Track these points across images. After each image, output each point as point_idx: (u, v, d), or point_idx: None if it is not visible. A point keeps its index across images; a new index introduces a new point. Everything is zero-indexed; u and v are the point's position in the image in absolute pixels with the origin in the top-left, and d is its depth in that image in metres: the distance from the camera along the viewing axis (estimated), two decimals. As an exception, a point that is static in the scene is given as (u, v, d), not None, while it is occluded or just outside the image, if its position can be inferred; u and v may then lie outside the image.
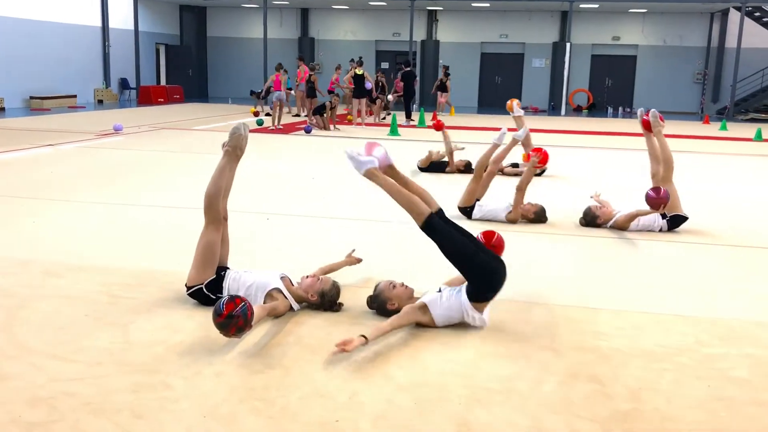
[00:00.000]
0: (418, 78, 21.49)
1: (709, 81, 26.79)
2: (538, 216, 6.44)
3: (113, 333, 3.56)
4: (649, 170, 6.56)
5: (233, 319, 3.24)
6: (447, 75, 21.09)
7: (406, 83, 18.75)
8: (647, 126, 6.67)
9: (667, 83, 27.02)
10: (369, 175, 3.72)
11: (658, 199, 5.83)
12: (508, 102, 7.91)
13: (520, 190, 6.32)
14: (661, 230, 6.21)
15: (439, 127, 9.75)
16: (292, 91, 20.75)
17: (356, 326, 3.73)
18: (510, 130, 7.28)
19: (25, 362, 3.19)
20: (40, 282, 4.36)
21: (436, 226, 3.64)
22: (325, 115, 15.77)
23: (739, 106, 24.54)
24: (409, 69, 19.04)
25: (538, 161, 6.62)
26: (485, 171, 6.61)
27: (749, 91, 25.21)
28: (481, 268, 3.63)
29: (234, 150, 4.04)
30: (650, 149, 6.61)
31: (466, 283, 3.71)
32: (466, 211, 6.61)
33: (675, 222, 6.24)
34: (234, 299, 3.30)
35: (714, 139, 16.08)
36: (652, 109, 6.71)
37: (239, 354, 3.35)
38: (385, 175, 3.78)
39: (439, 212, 3.75)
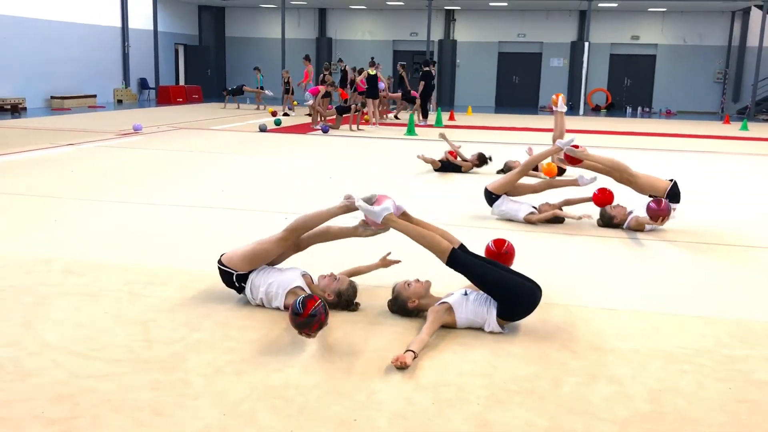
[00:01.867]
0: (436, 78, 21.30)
1: (729, 80, 26.52)
2: (555, 216, 6.41)
3: (133, 330, 3.59)
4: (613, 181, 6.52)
5: (315, 317, 3.30)
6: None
7: (425, 83, 18.71)
8: (573, 161, 6.41)
9: (686, 83, 26.79)
10: (386, 222, 3.81)
11: (659, 210, 5.83)
12: (554, 96, 7.69)
13: (522, 171, 6.38)
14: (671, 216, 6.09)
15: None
16: (267, 91, 21.60)
17: (374, 326, 3.73)
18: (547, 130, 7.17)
19: (47, 359, 3.23)
20: (61, 280, 4.40)
21: (460, 259, 3.70)
22: (348, 115, 15.96)
23: (760, 106, 24.27)
24: (427, 69, 18.99)
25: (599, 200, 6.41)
26: (525, 173, 6.55)
27: (771, 91, 24.94)
28: (514, 292, 3.63)
29: (349, 210, 3.96)
30: (598, 171, 6.51)
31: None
32: (492, 198, 6.51)
33: (674, 196, 6.17)
34: (312, 297, 3.38)
35: (735, 139, 15.91)
36: (563, 147, 6.34)
37: (258, 352, 3.36)
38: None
39: (461, 247, 3.81)
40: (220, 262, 4.04)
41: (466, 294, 3.75)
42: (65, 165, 9.37)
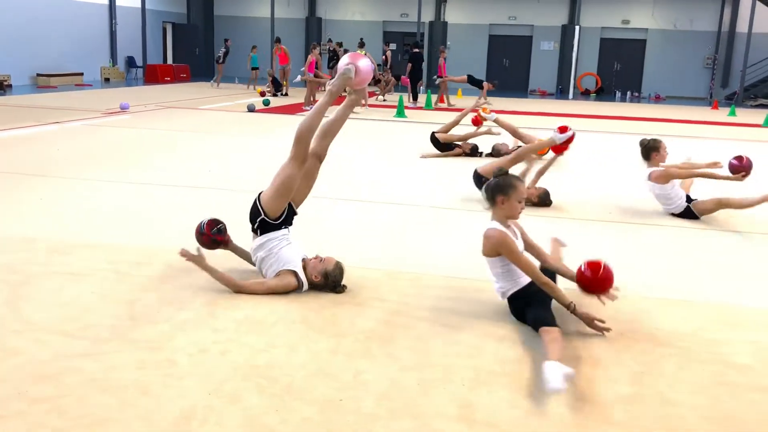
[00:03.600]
0: (425, 60, 21.20)
1: (718, 66, 26.59)
2: (542, 199, 6.42)
3: (119, 310, 3.59)
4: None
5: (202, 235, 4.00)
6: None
7: (413, 65, 18.63)
8: (557, 149, 6.19)
9: (676, 67, 26.83)
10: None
11: (740, 166, 6.09)
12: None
13: (515, 159, 6.16)
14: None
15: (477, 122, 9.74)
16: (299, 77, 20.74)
17: (360, 307, 3.74)
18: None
19: (30, 338, 3.21)
20: (46, 259, 4.38)
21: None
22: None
23: (748, 92, 24.37)
24: (417, 51, 18.88)
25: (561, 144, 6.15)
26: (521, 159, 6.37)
27: (759, 77, 25.03)
28: (534, 318, 3.52)
29: (335, 94, 4.00)
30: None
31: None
32: (482, 181, 6.46)
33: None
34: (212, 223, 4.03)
35: (722, 124, 15.98)
36: (557, 141, 6.14)
37: (244, 332, 3.37)
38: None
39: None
40: (258, 199, 3.98)
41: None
42: (51, 143, 9.29)
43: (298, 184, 3.99)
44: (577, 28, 23.71)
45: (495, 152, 9.37)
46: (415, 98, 18.47)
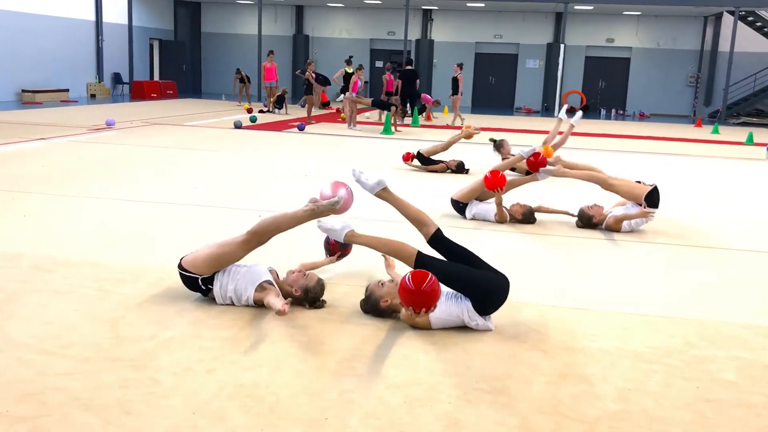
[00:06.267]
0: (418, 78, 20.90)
1: (701, 84, 26.91)
2: (526, 217, 6.45)
3: (103, 328, 3.55)
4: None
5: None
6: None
7: (405, 82, 18.54)
8: (534, 167, 6.49)
9: (660, 86, 27.14)
10: (349, 239, 3.91)
11: (536, 163, 6.35)
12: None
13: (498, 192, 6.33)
14: (648, 221, 6.28)
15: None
16: (344, 94, 20.14)
17: (345, 325, 3.73)
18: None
19: (12, 356, 3.17)
20: (29, 276, 4.33)
21: (427, 260, 3.71)
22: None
23: (731, 110, 24.67)
24: (410, 68, 18.82)
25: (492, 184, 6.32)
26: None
27: (741, 95, 25.36)
28: (483, 288, 3.67)
29: (316, 215, 3.91)
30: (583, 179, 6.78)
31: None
32: (459, 206, 6.61)
33: (652, 200, 6.17)
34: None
35: (706, 142, 16.15)
36: (525, 156, 6.58)
37: (229, 351, 3.34)
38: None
39: (437, 232, 3.88)
40: (180, 266, 3.96)
41: None
42: (36, 160, 9.23)
43: (231, 263, 3.97)
44: (562, 46, 23.93)
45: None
46: (403, 115, 18.49)
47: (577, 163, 6.87)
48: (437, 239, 3.87)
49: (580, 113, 9.16)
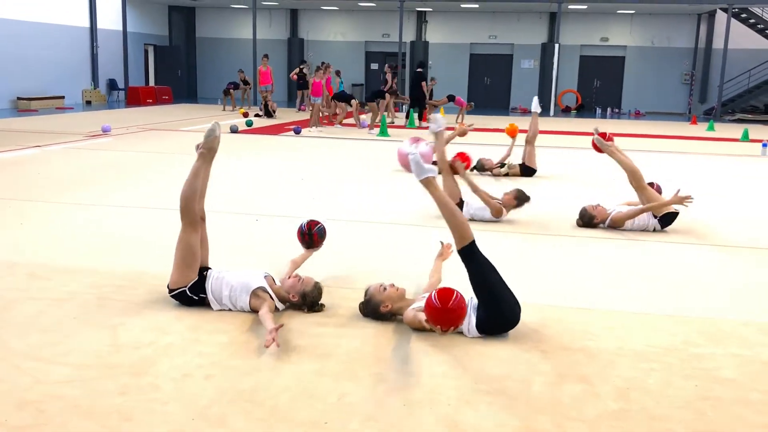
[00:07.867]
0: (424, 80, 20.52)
1: (696, 82, 26.95)
2: (520, 199, 6.39)
3: (102, 335, 3.55)
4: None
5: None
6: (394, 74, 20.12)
7: (413, 84, 18.56)
8: (597, 148, 6.85)
9: (655, 84, 27.17)
10: (426, 183, 3.68)
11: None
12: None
13: (476, 191, 6.33)
14: (654, 230, 6.26)
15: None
16: (363, 119, 19.32)
17: (344, 328, 3.73)
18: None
19: (10, 365, 3.17)
20: (26, 284, 4.33)
21: (476, 253, 3.60)
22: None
23: (726, 107, 24.71)
24: (419, 70, 18.78)
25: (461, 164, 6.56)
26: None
27: (736, 92, 25.40)
28: (499, 303, 3.59)
29: (209, 152, 4.03)
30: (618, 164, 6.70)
31: (477, 306, 3.66)
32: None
33: (667, 220, 6.27)
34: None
35: (701, 139, 16.17)
36: (596, 134, 6.78)
37: (228, 356, 3.34)
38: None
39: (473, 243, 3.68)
40: (169, 290, 3.97)
41: None
42: (32, 167, 9.22)
43: (199, 250, 3.95)
44: (556, 46, 23.95)
45: (479, 166, 9.43)
46: (420, 118, 18.48)
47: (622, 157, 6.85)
48: (470, 252, 3.62)
49: (535, 98, 9.35)
